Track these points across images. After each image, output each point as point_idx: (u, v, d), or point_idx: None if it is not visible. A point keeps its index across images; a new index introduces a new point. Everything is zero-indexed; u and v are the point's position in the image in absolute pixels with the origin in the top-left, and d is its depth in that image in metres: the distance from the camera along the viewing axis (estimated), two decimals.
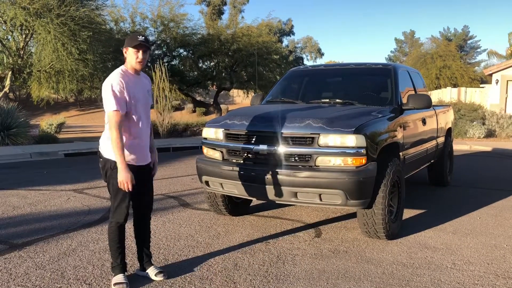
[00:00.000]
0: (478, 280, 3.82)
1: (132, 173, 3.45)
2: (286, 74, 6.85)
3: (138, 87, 3.59)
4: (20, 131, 13.75)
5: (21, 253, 4.33)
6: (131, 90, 3.49)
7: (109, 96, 3.40)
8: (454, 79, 32.30)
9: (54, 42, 15.32)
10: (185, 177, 8.43)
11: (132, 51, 3.50)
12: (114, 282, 3.58)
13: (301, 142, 4.51)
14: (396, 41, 54.84)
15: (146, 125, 3.68)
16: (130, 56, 3.52)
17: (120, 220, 3.60)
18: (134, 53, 3.50)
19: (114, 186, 3.53)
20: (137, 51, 3.50)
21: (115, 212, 3.60)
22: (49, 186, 7.53)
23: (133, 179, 3.43)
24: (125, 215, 3.60)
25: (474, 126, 17.79)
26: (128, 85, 3.47)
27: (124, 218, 3.60)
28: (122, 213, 3.58)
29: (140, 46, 3.49)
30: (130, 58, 3.52)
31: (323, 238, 4.94)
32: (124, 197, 3.55)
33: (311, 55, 52.53)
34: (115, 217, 3.60)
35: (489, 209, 6.32)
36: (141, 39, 3.49)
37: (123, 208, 3.58)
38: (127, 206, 3.61)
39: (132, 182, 3.42)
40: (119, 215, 3.59)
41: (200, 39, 22.35)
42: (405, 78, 6.26)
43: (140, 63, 3.54)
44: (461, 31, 47.17)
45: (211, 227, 5.28)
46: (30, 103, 29.76)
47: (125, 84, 3.46)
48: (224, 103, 36.63)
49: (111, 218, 3.63)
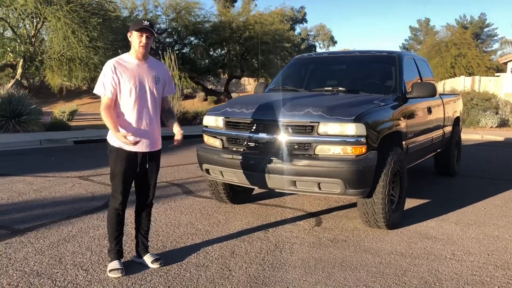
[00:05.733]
0: (476, 271, 3.78)
1: (129, 158, 3.53)
2: (290, 62, 6.79)
3: (140, 73, 3.58)
4: (31, 118, 13.87)
5: (22, 238, 4.39)
6: (128, 76, 3.52)
7: (99, 80, 3.52)
8: (470, 68, 31.74)
9: (65, 29, 15.38)
10: (190, 165, 8.45)
11: (136, 35, 3.53)
12: (110, 268, 3.61)
13: (300, 130, 4.48)
14: (411, 29, 53.99)
15: (148, 111, 3.61)
16: (134, 40, 3.55)
17: (116, 205, 3.64)
18: (138, 37, 3.53)
19: (111, 170, 3.62)
20: (140, 35, 3.52)
21: (113, 196, 3.66)
22: (55, 173, 7.61)
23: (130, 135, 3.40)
24: (121, 200, 3.62)
25: (487, 115, 17.52)
26: (124, 70, 3.52)
27: (119, 203, 3.63)
28: (118, 198, 3.62)
29: (144, 30, 3.52)
30: (134, 42, 3.56)
31: (323, 227, 4.92)
32: (120, 182, 3.59)
33: (324, 43, 52.02)
34: (112, 201, 3.67)
35: (495, 199, 6.23)
36: (146, 24, 3.53)
37: (119, 193, 3.61)
38: (123, 191, 3.63)
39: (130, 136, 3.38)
40: (115, 199, 3.64)
41: (212, 27, 22.28)
42: (411, 66, 6.16)
43: (143, 47, 3.55)
44: (478, 18, 46.29)
45: (212, 215, 5.29)
46: (44, 90, 30.10)
47: (121, 69, 3.51)
48: (235, 91, 36.57)
49: (110, 202, 3.70)
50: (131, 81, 3.53)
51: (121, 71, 3.51)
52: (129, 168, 3.61)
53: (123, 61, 3.57)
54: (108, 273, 3.59)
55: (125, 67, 3.53)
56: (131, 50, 3.62)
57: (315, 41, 51.02)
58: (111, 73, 3.48)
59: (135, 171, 3.66)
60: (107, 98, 3.50)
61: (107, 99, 3.50)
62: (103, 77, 3.51)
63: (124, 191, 3.64)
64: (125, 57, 3.61)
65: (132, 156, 3.57)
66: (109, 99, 3.50)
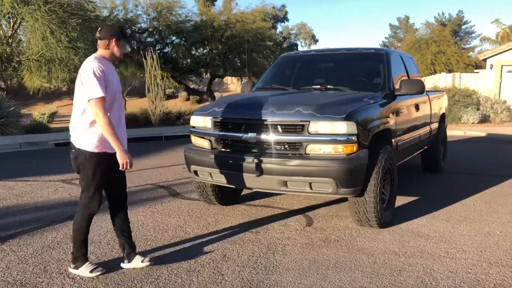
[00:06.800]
0: (471, 269, 3.75)
1: (109, 161, 3.48)
2: (277, 60, 6.70)
3: (114, 74, 3.59)
4: (9, 120, 13.51)
5: (3, 246, 4.22)
6: (109, 77, 3.46)
7: (93, 82, 3.34)
8: (449, 65, 32.09)
9: (43, 29, 15.02)
10: (176, 166, 8.31)
11: (124, 43, 3.59)
12: (89, 270, 3.56)
13: (290, 129, 4.40)
14: (391, 27, 54.43)
15: (122, 112, 3.68)
16: (121, 47, 3.57)
17: (95, 211, 3.60)
18: (123, 46, 3.59)
19: (88, 177, 3.49)
20: (125, 43, 3.61)
21: (90, 203, 3.55)
22: (37, 177, 7.40)
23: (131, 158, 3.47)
24: (99, 204, 3.59)
25: (469, 111, 17.71)
26: (107, 71, 3.45)
27: (98, 208, 3.60)
28: (95, 203, 3.56)
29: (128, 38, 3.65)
30: (117, 49, 3.55)
31: (314, 227, 4.85)
32: (98, 187, 3.54)
33: (306, 41, 52.14)
34: (89, 208, 3.57)
35: (483, 195, 6.25)
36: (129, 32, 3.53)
37: (97, 198, 3.56)
38: (100, 196, 3.60)
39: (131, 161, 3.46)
40: (94, 205, 3.56)
41: (193, 26, 22.07)
42: (398, 64, 6.13)
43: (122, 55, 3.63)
44: (456, 16, 46.90)
45: (201, 217, 5.18)
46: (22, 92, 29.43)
47: (105, 70, 3.43)
48: (218, 90, 36.35)
49: (83, 209, 3.58)
50: (114, 83, 3.53)
51: (107, 73, 3.44)
52: (109, 170, 3.58)
53: (103, 62, 3.50)
54: (89, 274, 3.53)
55: (106, 69, 3.47)
56: (104, 53, 3.55)
57: (296, 40, 51.07)
58: (103, 74, 3.39)
59: (113, 173, 3.61)
60: (105, 99, 3.38)
61: (103, 101, 3.36)
62: (97, 78, 3.34)
63: (101, 195, 3.60)
64: (101, 59, 3.52)
65: (113, 157, 3.49)
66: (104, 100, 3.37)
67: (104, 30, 3.53)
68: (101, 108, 3.33)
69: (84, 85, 3.37)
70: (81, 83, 3.40)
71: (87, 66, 3.41)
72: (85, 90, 3.37)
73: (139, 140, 13.01)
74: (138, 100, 30.85)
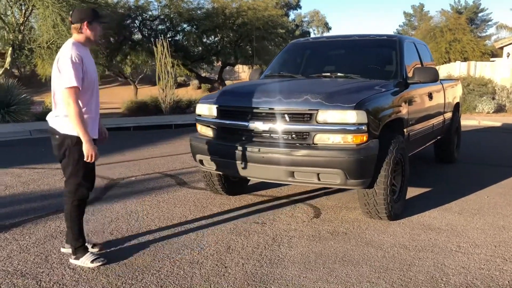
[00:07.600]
0: (484, 264, 3.61)
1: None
2: (286, 47, 6.54)
3: (90, 60, 3.52)
4: (20, 108, 13.57)
5: (6, 235, 4.17)
6: (86, 64, 3.40)
7: (69, 70, 3.27)
8: (464, 53, 31.49)
9: (53, 17, 14.98)
10: (184, 155, 8.22)
11: (98, 26, 3.49)
12: (91, 259, 3.50)
13: (298, 118, 4.27)
14: (405, 15, 53.49)
15: (98, 100, 3.62)
16: (95, 30, 3.48)
17: (85, 196, 3.56)
18: (99, 28, 3.52)
19: (76, 162, 3.44)
20: (99, 26, 3.52)
21: (79, 190, 3.51)
22: (44, 164, 7.36)
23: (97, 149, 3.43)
24: (88, 190, 3.56)
25: (484, 101, 17.34)
26: (84, 58, 3.39)
27: (87, 193, 3.57)
28: (85, 189, 3.54)
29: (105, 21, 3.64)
30: (90, 32, 3.46)
31: (322, 218, 4.73)
32: (86, 173, 3.49)
33: (318, 29, 51.62)
34: (78, 195, 3.52)
35: (498, 187, 6.06)
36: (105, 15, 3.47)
37: (86, 183, 3.53)
38: (90, 181, 3.58)
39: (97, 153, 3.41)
40: (82, 191, 3.53)
41: (205, 14, 21.88)
42: (411, 51, 5.93)
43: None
44: (472, 3, 45.91)
45: (207, 207, 5.09)
46: (35, 79, 29.59)
47: (82, 57, 3.36)
48: (229, 79, 36.20)
49: (72, 197, 3.52)
50: (92, 71, 3.47)
51: (85, 61, 3.38)
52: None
53: (81, 49, 3.42)
54: (90, 264, 3.48)
55: (84, 56, 3.40)
56: (79, 37, 3.45)
57: (309, 27, 50.62)
58: (80, 62, 3.32)
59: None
60: (79, 90, 3.31)
61: (77, 90, 3.30)
62: (74, 66, 3.27)
63: (90, 180, 3.57)
64: (77, 45, 3.42)
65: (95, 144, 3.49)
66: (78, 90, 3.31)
67: (75, 14, 3.45)
68: (73, 97, 3.28)
69: (61, 72, 3.31)
70: (58, 70, 3.33)
71: (66, 52, 3.34)
72: (61, 77, 3.31)
73: (149, 128, 12.99)
74: (149, 88, 30.86)
